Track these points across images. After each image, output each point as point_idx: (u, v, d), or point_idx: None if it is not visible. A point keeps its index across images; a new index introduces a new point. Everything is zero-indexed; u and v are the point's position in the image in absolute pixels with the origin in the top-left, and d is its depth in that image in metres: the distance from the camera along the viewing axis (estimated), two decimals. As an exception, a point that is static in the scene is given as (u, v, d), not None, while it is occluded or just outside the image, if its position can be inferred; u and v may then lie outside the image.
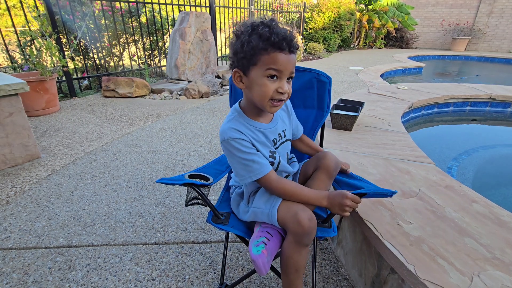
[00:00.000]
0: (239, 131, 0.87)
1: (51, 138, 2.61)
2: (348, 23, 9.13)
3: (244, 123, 0.90)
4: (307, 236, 0.80)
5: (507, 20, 9.86)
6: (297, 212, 0.81)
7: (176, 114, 3.31)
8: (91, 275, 1.21)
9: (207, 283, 1.17)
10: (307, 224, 0.79)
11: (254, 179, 0.87)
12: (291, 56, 0.81)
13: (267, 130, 0.93)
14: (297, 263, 0.85)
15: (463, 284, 0.77)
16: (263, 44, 0.78)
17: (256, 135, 0.90)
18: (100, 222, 1.53)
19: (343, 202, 0.81)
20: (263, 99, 0.83)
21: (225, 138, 0.86)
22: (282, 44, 0.78)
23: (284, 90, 0.82)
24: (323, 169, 0.98)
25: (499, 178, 2.18)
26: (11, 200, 1.72)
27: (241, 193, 1.02)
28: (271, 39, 0.77)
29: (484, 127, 3.05)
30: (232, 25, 7.04)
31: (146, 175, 2.00)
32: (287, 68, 0.80)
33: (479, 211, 1.09)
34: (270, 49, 0.78)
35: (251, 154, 0.86)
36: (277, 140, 0.97)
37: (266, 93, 0.82)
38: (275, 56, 0.79)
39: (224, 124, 0.91)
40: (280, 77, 0.81)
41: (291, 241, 0.83)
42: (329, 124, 2.01)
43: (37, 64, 3.12)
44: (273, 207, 0.87)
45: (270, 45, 0.78)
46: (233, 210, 1.05)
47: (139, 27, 4.82)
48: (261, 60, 0.80)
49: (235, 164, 0.89)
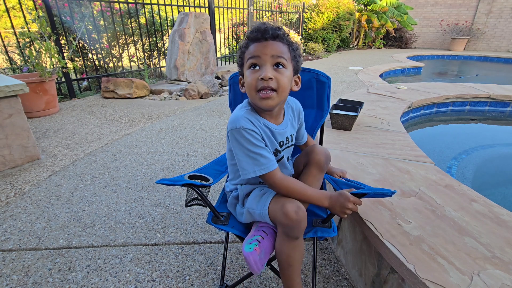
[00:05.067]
0: (252, 123, 0.85)
1: (50, 139, 2.61)
2: (347, 23, 9.13)
3: (256, 119, 0.89)
4: (295, 228, 0.79)
5: (506, 19, 9.88)
6: (284, 204, 0.80)
7: (176, 115, 3.31)
8: (91, 276, 1.21)
9: (208, 284, 1.17)
10: (293, 216, 0.78)
11: (259, 174, 0.84)
12: (268, 42, 0.83)
13: (276, 131, 0.92)
14: (289, 257, 0.84)
15: (463, 283, 0.77)
16: (245, 43, 0.87)
17: (265, 132, 0.90)
18: (100, 223, 1.53)
19: (345, 204, 0.81)
20: (250, 92, 0.85)
21: (236, 126, 0.84)
22: (257, 35, 0.83)
23: (264, 75, 0.79)
24: (313, 164, 0.97)
25: (499, 177, 2.18)
26: (10, 202, 1.71)
27: (237, 196, 1.02)
28: (250, 36, 0.84)
29: (484, 126, 3.06)
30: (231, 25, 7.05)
31: (146, 176, 2.00)
32: (263, 53, 0.81)
33: (478, 210, 1.09)
34: (249, 44, 0.85)
35: (260, 148, 0.85)
36: (283, 143, 0.96)
37: (251, 85, 0.83)
38: (252, 47, 0.84)
39: (237, 112, 0.89)
40: (261, 64, 0.82)
41: (281, 234, 0.84)
42: (328, 124, 2.01)
43: (36, 66, 3.12)
44: (264, 207, 0.87)
45: (250, 40, 0.85)
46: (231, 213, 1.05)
47: (138, 28, 4.82)
48: (245, 57, 0.86)
49: (241, 156, 0.86)
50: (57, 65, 3.35)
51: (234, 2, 6.37)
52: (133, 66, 5.32)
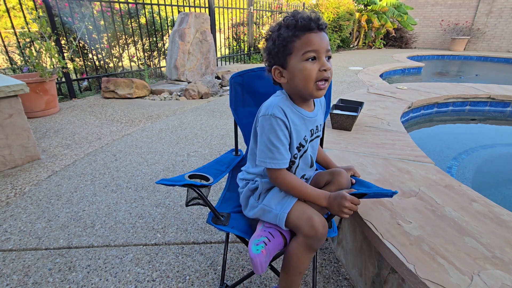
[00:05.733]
0: (284, 113, 0.86)
1: (51, 139, 2.61)
2: (347, 23, 9.14)
3: (290, 105, 0.89)
4: (318, 241, 0.82)
5: (506, 19, 9.88)
6: (312, 216, 0.81)
7: (176, 115, 3.31)
8: (92, 276, 1.21)
9: (208, 284, 1.17)
10: (321, 229, 0.80)
11: (269, 166, 0.87)
12: (322, 33, 0.82)
13: (308, 118, 0.93)
14: (303, 266, 0.86)
15: (463, 283, 0.77)
16: (292, 32, 0.81)
17: (298, 120, 0.90)
18: (100, 223, 1.53)
19: (342, 203, 0.81)
20: (308, 83, 0.83)
21: (269, 112, 0.85)
22: (310, 25, 0.80)
23: (327, 67, 0.82)
24: (336, 185, 0.97)
25: (499, 178, 2.18)
26: (11, 202, 1.71)
27: (254, 189, 1.00)
28: (298, 24, 0.80)
29: (484, 126, 3.06)
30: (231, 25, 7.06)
31: (146, 176, 2.00)
32: (322, 46, 0.81)
33: (478, 210, 1.09)
34: (300, 33, 0.81)
35: (281, 142, 0.86)
36: (314, 131, 0.97)
37: (309, 76, 0.82)
38: (307, 38, 0.81)
39: (272, 99, 0.90)
40: (319, 57, 0.82)
41: (302, 244, 0.83)
42: (328, 124, 2.01)
43: (36, 66, 3.12)
44: (283, 210, 0.86)
45: (299, 29, 0.81)
46: (241, 204, 1.03)
47: (138, 28, 4.82)
48: (295, 47, 0.82)
49: (261, 143, 0.88)
50: (57, 65, 3.35)
51: (234, 2, 6.37)
52: (133, 66, 5.32)
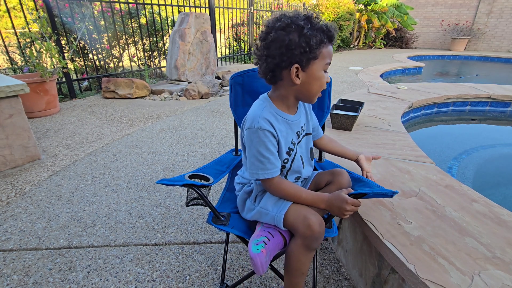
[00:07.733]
0: (271, 124, 0.86)
1: (51, 139, 2.61)
2: (347, 24, 9.13)
3: (274, 113, 0.89)
4: (316, 240, 0.81)
5: (507, 19, 9.87)
6: (308, 216, 0.81)
7: (176, 115, 3.31)
8: (92, 276, 1.21)
9: (208, 284, 1.17)
10: (317, 228, 0.80)
11: (261, 177, 0.87)
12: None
13: (293, 122, 0.93)
14: (304, 266, 0.86)
15: (464, 284, 0.77)
16: (324, 37, 0.81)
17: (283, 126, 0.90)
18: (101, 223, 1.53)
19: (343, 206, 0.81)
20: (319, 91, 0.88)
21: (255, 126, 0.84)
22: (333, 37, 0.83)
23: (328, 79, 0.89)
24: (337, 185, 0.98)
25: (499, 178, 2.18)
26: (11, 202, 1.72)
27: (250, 191, 1.01)
28: (328, 33, 0.81)
29: (484, 126, 3.05)
30: (231, 26, 7.06)
31: (146, 176, 2.00)
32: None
33: (479, 211, 1.09)
34: (328, 43, 0.83)
35: (271, 153, 0.86)
36: (300, 132, 0.98)
37: (323, 86, 0.87)
38: (330, 49, 0.84)
39: (256, 110, 0.89)
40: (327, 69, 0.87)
41: (300, 244, 0.83)
42: (329, 124, 2.01)
43: (37, 66, 3.12)
44: (280, 212, 0.86)
45: (327, 38, 0.82)
46: (238, 207, 1.04)
47: (138, 28, 4.83)
48: (322, 53, 0.82)
49: (250, 155, 0.88)
50: (58, 65, 3.36)
51: (235, 2, 6.37)
52: (133, 66, 5.32)
